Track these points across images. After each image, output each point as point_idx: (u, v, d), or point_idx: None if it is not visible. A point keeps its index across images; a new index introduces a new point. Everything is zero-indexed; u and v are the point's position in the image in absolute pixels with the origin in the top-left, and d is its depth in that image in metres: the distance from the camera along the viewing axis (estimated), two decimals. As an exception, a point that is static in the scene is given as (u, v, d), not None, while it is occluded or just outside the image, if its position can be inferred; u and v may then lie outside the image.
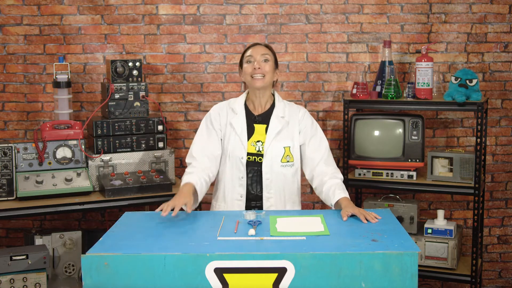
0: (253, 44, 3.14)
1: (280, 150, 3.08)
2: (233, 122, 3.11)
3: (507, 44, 4.22)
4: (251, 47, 3.12)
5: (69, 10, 4.13)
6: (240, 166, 3.07)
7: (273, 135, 3.08)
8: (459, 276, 3.88)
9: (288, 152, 3.09)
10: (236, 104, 3.16)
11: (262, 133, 3.10)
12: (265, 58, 3.07)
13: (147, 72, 4.22)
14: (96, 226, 4.30)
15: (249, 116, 3.13)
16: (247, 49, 3.14)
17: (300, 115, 3.14)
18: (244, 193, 3.08)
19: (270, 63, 3.09)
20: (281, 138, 3.09)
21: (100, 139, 3.79)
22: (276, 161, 3.07)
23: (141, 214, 2.90)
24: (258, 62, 3.05)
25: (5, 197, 3.55)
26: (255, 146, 3.08)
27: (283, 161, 3.07)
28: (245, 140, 3.08)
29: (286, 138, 3.10)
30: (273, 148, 3.07)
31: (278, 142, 3.08)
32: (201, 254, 2.24)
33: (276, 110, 3.12)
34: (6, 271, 3.39)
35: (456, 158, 3.83)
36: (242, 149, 3.07)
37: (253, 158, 3.07)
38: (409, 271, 2.22)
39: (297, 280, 2.22)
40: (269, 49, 3.14)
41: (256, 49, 3.10)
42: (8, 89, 4.17)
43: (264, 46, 3.14)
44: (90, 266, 2.25)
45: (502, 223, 4.39)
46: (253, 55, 3.07)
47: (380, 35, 4.23)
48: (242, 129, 3.09)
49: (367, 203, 4.02)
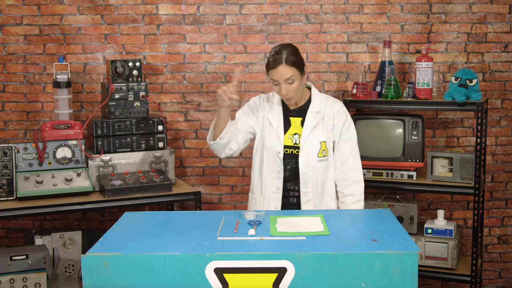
0: (276, 63, 2.98)
1: (317, 144, 3.10)
2: (269, 116, 3.15)
3: (507, 44, 4.22)
4: (274, 67, 2.98)
5: (69, 10, 4.13)
6: (277, 159, 3.12)
7: (309, 130, 3.10)
8: (459, 276, 3.88)
9: (324, 147, 3.12)
10: (274, 99, 3.19)
11: (298, 126, 3.13)
12: (290, 81, 3.00)
13: (147, 72, 4.22)
14: (96, 226, 4.30)
15: (285, 111, 3.16)
16: (271, 68, 3.00)
17: (336, 110, 3.15)
18: (281, 186, 3.13)
19: (297, 81, 3.02)
20: (316, 133, 3.11)
21: (100, 139, 3.79)
22: (313, 155, 3.10)
23: (141, 214, 2.90)
24: (285, 89, 3.00)
25: (5, 197, 3.55)
26: (292, 139, 3.12)
27: (319, 155, 3.11)
28: (282, 134, 3.12)
29: (322, 132, 3.12)
30: (309, 143, 3.10)
31: (314, 136, 3.10)
32: (201, 254, 2.24)
33: (312, 105, 3.14)
34: (6, 271, 3.39)
35: (456, 158, 3.83)
36: (279, 144, 3.11)
37: (290, 151, 3.12)
38: (409, 271, 2.22)
39: (297, 280, 2.22)
40: (293, 66, 2.99)
41: (279, 72, 2.98)
42: (8, 89, 4.17)
43: (286, 64, 2.97)
44: (90, 266, 2.24)
45: (502, 223, 4.39)
46: (278, 80, 3.00)
47: (380, 35, 4.23)
48: (278, 123, 3.13)
49: (367, 203, 4.02)
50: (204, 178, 4.34)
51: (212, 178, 4.34)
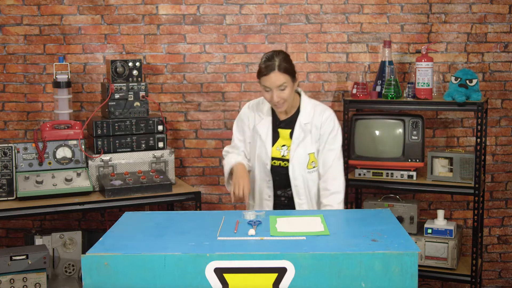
0: (269, 69, 2.96)
1: (305, 157, 3.10)
2: (258, 128, 3.15)
3: (507, 44, 4.22)
4: (267, 74, 2.96)
5: (69, 10, 4.13)
6: (266, 170, 3.14)
7: (297, 143, 3.10)
8: (459, 276, 3.88)
9: (313, 158, 3.12)
10: (264, 107, 3.17)
11: (287, 138, 3.13)
12: (282, 88, 2.98)
13: (147, 72, 4.22)
14: (96, 226, 4.30)
15: (274, 122, 3.15)
16: (263, 74, 2.98)
17: (324, 119, 3.12)
18: (271, 194, 3.16)
19: (288, 88, 3.00)
20: (305, 145, 3.10)
21: (100, 139, 3.79)
22: (303, 167, 3.10)
23: (141, 214, 2.90)
24: (276, 95, 2.98)
25: (5, 197, 3.55)
26: (280, 151, 3.12)
27: (309, 167, 3.11)
28: (269, 147, 3.12)
29: (310, 144, 3.10)
30: (298, 156, 3.09)
31: (302, 149, 3.10)
32: (201, 254, 2.24)
33: (301, 116, 3.11)
34: (6, 271, 3.39)
35: (456, 158, 3.83)
36: (266, 156, 3.12)
37: (278, 163, 3.13)
38: (409, 271, 2.22)
39: (297, 280, 2.22)
40: (285, 72, 2.97)
41: (271, 79, 2.96)
42: (8, 89, 4.17)
43: (279, 71, 2.95)
44: (90, 266, 2.24)
45: (502, 223, 4.39)
46: (270, 87, 2.98)
47: (380, 35, 4.23)
48: (267, 135, 3.13)
49: (367, 203, 4.02)
50: (204, 178, 4.34)
51: (212, 178, 4.34)
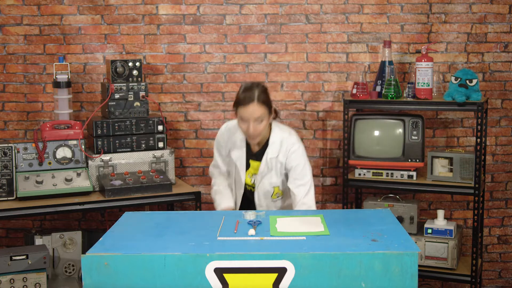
0: (248, 101, 2.98)
1: (270, 189, 3.23)
2: (232, 155, 3.24)
3: (507, 44, 4.22)
4: (246, 105, 2.97)
5: (69, 10, 4.13)
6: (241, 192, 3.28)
7: (261, 177, 3.20)
8: (459, 276, 3.88)
9: (278, 190, 3.24)
10: (239, 136, 3.21)
11: (257, 168, 3.22)
12: (259, 120, 3.01)
13: (147, 72, 4.22)
14: (96, 226, 4.30)
15: (248, 152, 3.23)
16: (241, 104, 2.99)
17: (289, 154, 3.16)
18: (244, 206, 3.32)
19: (265, 121, 3.03)
20: (270, 178, 3.20)
21: (100, 139, 3.79)
22: (267, 197, 3.24)
23: (141, 214, 2.90)
24: (253, 127, 3.00)
25: (5, 197, 3.55)
26: (251, 179, 3.25)
27: (273, 197, 3.25)
28: (244, 175, 3.24)
29: (275, 177, 3.20)
30: (263, 187, 3.22)
31: (267, 181, 3.21)
32: (201, 254, 2.24)
33: (269, 150, 3.16)
34: (6, 271, 3.39)
35: (456, 158, 3.83)
36: (240, 183, 3.26)
37: (250, 188, 3.27)
38: (409, 271, 2.22)
39: (297, 280, 2.22)
40: (263, 104, 3.00)
41: (249, 110, 2.97)
42: (8, 89, 4.17)
43: (257, 102, 2.98)
44: (90, 266, 2.25)
45: (502, 223, 4.39)
46: (248, 118, 3.00)
47: (380, 35, 4.23)
48: (241, 164, 3.22)
49: (367, 203, 4.02)
50: (204, 178, 4.34)
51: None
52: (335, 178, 4.35)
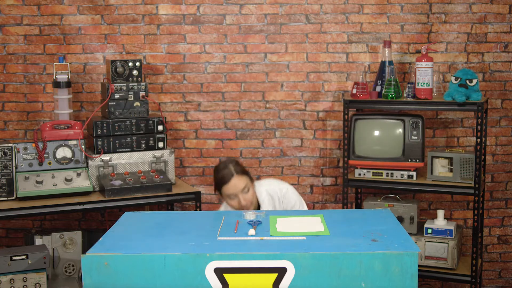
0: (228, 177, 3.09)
1: None
2: None
3: (507, 44, 4.22)
4: (228, 182, 3.08)
5: (69, 10, 4.13)
6: None
7: None
8: (459, 276, 3.88)
9: None
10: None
11: None
12: (246, 190, 3.11)
13: (147, 72, 4.22)
14: (96, 226, 4.30)
15: None
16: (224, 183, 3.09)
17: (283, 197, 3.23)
18: None
19: (251, 189, 3.14)
20: None
21: (100, 139, 3.79)
22: None
23: (141, 214, 2.90)
24: (243, 199, 3.10)
25: (5, 197, 3.55)
26: None
27: None
28: None
29: None
30: None
31: None
32: (201, 254, 2.24)
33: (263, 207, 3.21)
34: (6, 271, 3.39)
35: (456, 158, 3.83)
36: None
37: None
38: (409, 271, 2.22)
39: (297, 280, 2.22)
40: (243, 174, 3.12)
41: (233, 184, 3.08)
42: (8, 89, 4.17)
43: (237, 174, 3.10)
44: (90, 266, 2.24)
45: (502, 223, 4.39)
46: (235, 193, 3.10)
47: (380, 35, 4.23)
48: None
49: (367, 203, 4.02)
50: (204, 178, 4.34)
51: (212, 178, 4.33)
52: (335, 178, 4.35)
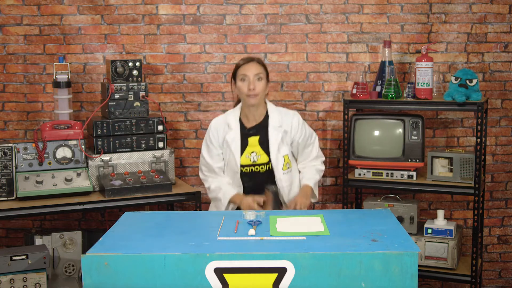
0: (247, 61, 3.24)
1: (281, 159, 3.27)
2: (227, 138, 3.28)
3: (507, 44, 4.22)
4: (245, 63, 3.23)
5: (69, 10, 4.13)
6: (236, 178, 3.28)
7: (276, 147, 3.25)
8: (459, 276, 3.88)
9: (288, 159, 3.30)
10: (231, 118, 3.31)
11: (256, 144, 3.28)
12: (258, 77, 3.20)
13: (147, 72, 4.22)
14: (96, 226, 4.30)
15: (242, 130, 3.28)
16: (241, 65, 3.23)
17: (294, 125, 3.30)
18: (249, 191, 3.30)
19: (263, 82, 3.23)
20: (282, 147, 3.28)
21: (100, 139, 3.79)
22: (278, 170, 3.26)
23: (141, 214, 2.90)
24: (252, 82, 3.17)
25: (5, 197, 3.55)
26: (250, 158, 3.27)
27: (284, 168, 3.28)
28: (238, 157, 3.26)
29: (283, 147, 3.28)
30: (278, 158, 3.26)
31: (280, 151, 3.27)
32: (201, 254, 2.24)
33: (272, 120, 3.27)
34: (6, 271, 3.39)
35: (456, 158, 3.83)
36: (236, 165, 3.26)
37: (250, 169, 3.28)
38: (409, 271, 2.22)
39: (297, 280, 2.22)
40: (262, 66, 3.25)
41: (250, 67, 3.22)
42: (8, 89, 4.17)
43: (257, 62, 3.24)
44: (90, 266, 2.25)
45: (502, 223, 4.39)
46: (248, 74, 3.19)
47: (380, 35, 4.23)
48: (235, 145, 3.26)
49: (367, 203, 4.02)
50: (204, 178, 4.34)
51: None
52: (335, 178, 4.35)
